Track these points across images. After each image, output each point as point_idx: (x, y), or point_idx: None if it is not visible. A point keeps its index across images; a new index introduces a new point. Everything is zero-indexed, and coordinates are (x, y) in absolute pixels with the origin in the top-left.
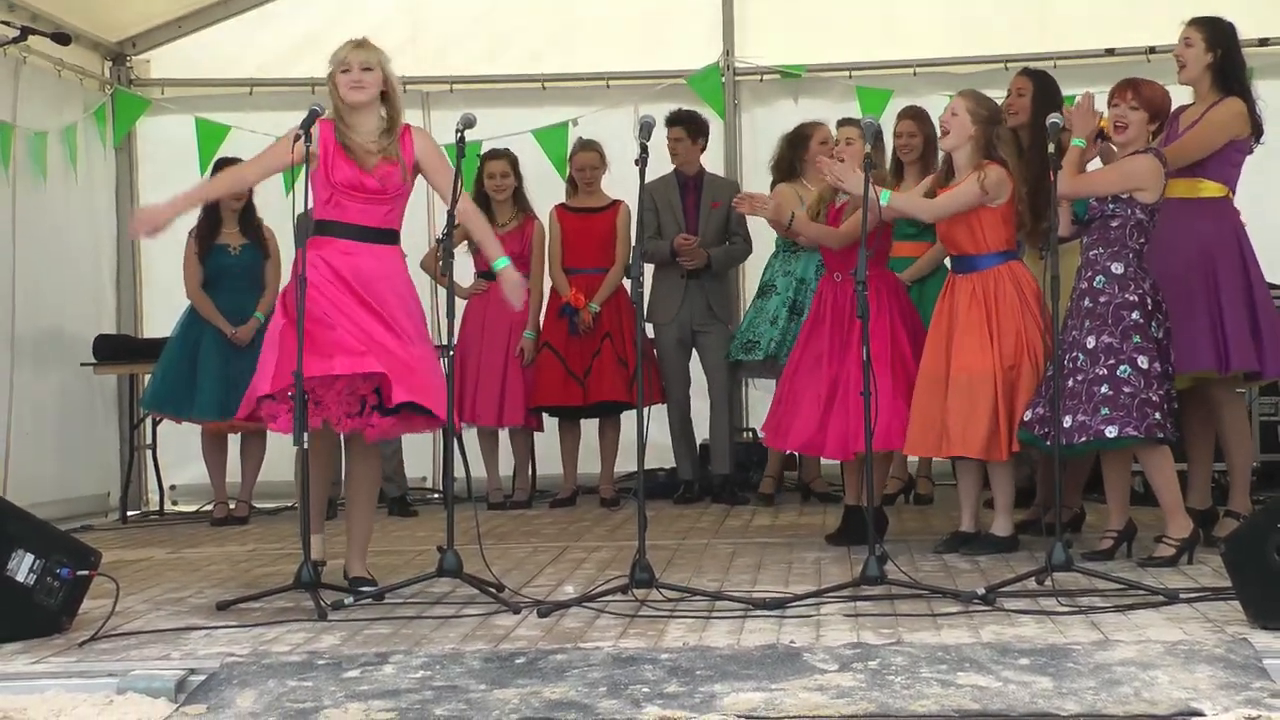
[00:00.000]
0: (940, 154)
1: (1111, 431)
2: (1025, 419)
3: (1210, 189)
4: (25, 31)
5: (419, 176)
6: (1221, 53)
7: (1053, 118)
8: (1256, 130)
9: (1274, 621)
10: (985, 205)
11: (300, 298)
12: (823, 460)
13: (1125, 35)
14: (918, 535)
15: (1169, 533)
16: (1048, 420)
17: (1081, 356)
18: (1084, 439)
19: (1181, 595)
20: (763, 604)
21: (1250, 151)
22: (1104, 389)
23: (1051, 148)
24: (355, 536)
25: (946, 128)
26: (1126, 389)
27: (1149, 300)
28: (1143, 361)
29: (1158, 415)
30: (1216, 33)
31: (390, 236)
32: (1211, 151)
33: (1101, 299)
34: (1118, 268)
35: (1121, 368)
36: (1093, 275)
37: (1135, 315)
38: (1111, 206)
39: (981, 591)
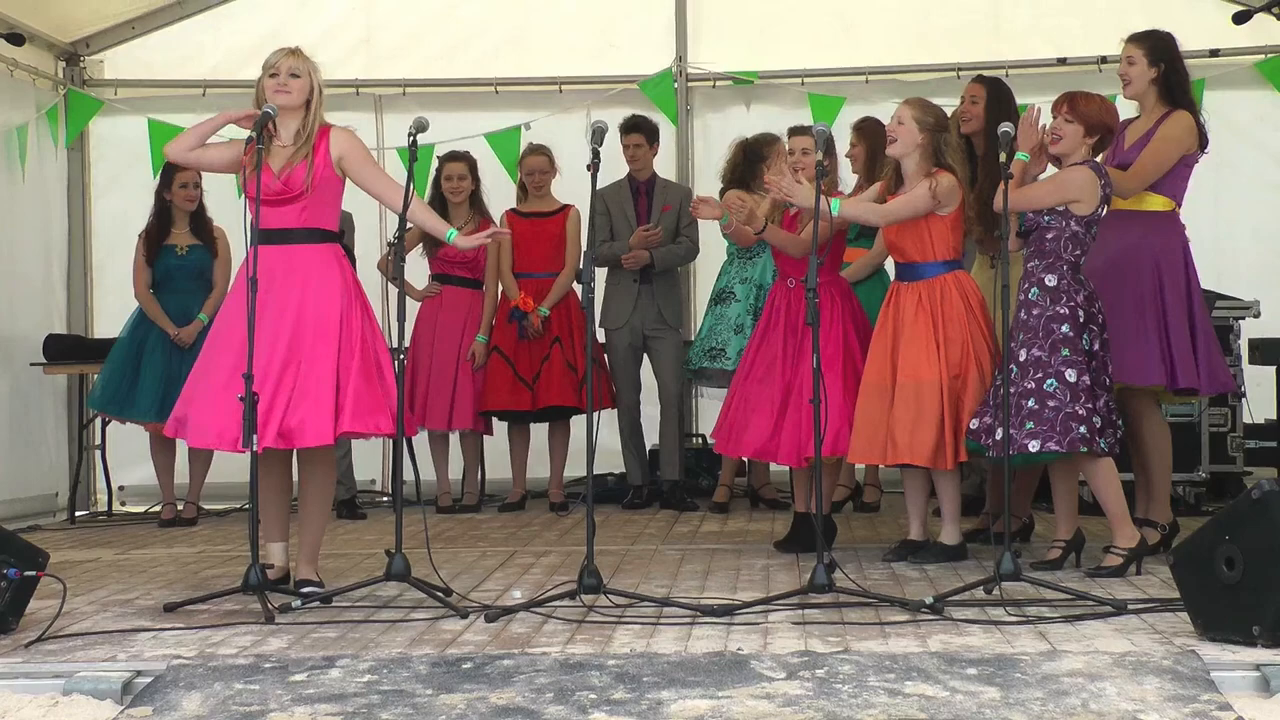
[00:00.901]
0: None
1: (1034, 446)
2: (971, 428)
3: (1157, 202)
4: None
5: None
6: (1165, 66)
7: (1004, 127)
8: (1203, 142)
9: (1222, 633)
10: (935, 213)
11: (251, 300)
12: (772, 466)
13: (1077, 45)
14: (866, 543)
15: (1116, 542)
16: (992, 430)
17: (1014, 369)
18: (1013, 452)
19: (1130, 606)
20: (710, 611)
21: (1196, 162)
22: (1030, 403)
23: (1003, 157)
24: (305, 540)
25: (893, 136)
26: (1051, 403)
27: (1080, 312)
28: (1070, 375)
29: (1083, 429)
30: (1158, 47)
31: (306, 235)
32: (1169, 168)
33: (1034, 311)
34: (1051, 280)
35: (1048, 381)
36: (1029, 288)
37: (1065, 328)
38: (1047, 219)
39: (930, 600)
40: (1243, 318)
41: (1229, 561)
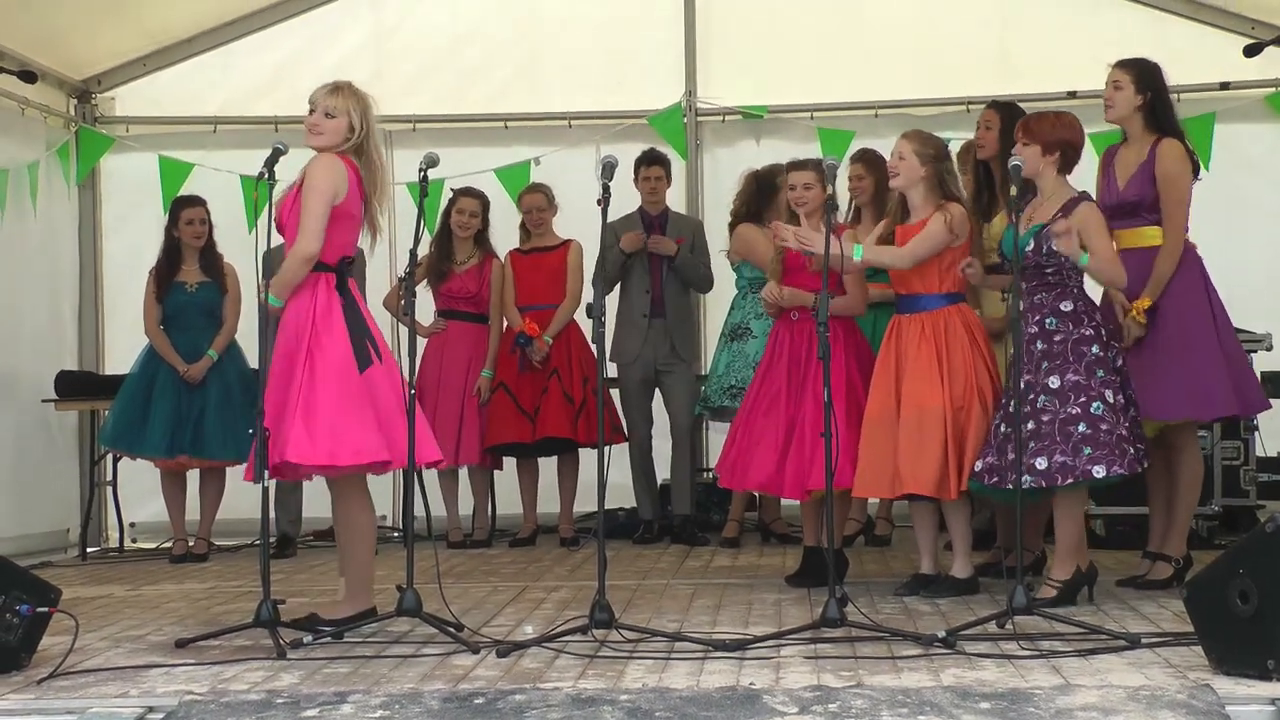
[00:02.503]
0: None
1: (1099, 471)
2: (975, 469)
3: (1159, 234)
4: None
5: (338, 199)
6: (1151, 95)
7: (1013, 161)
8: (1195, 168)
9: (1236, 667)
10: (950, 246)
11: (267, 338)
12: (783, 501)
13: (1086, 78)
14: (878, 577)
15: (1054, 574)
16: (998, 469)
17: (1044, 398)
18: (1069, 480)
19: (1144, 640)
20: (722, 645)
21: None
22: (1081, 428)
23: (1013, 191)
24: (344, 578)
25: (895, 170)
26: (1104, 426)
27: (1103, 331)
28: (1110, 395)
29: (1133, 449)
30: (1144, 75)
31: None
32: (1188, 201)
33: (1057, 338)
34: (1067, 305)
35: (1094, 405)
36: (1041, 318)
37: (1095, 349)
38: (1044, 256)
39: (942, 634)
40: (1255, 351)
41: (1243, 595)
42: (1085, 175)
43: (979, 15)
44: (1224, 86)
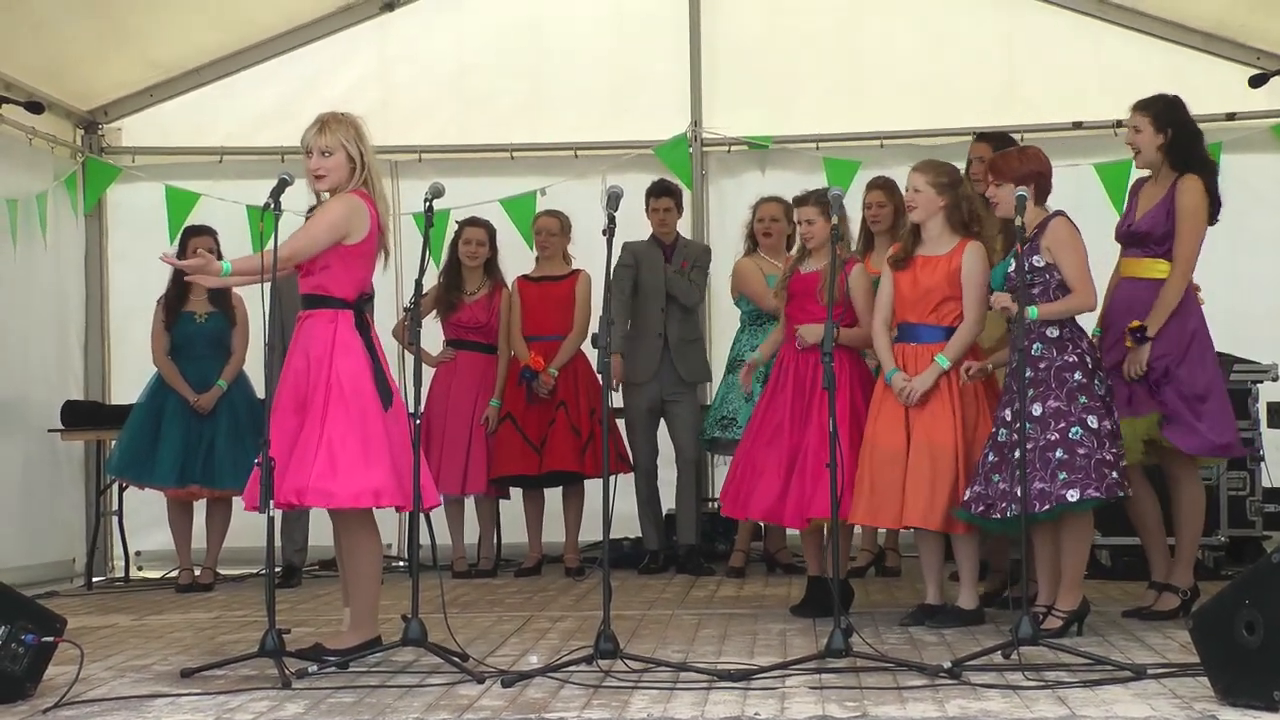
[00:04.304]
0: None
1: (1073, 495)
2: (964, 498)
3: (1167, 269)
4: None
5: (353, 239)
6: (1172, 131)
7: (1019, 190)
8: (1215, 206)
9: (1242, 698)
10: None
11: (274, 366)
12: (789, 531)
13: (1093, 109)
14: (883, 607)
15: (1060, 605)
16: (985, 498)
17: (1029, 425)
18: (1046, 506)
19: (1149, 671)
20: (727, 675)
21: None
22: (1059, 453)
23: (1018, 220)
24: (350, 608)
25: (912, 204)
26: (1081, 450)
27: (1088, 359)
28: (1092, 421)
29: (1114, 474)
30: (1163, 112)
31: (314, 302)
32: (1203, 236)
33: (1041, 365)
34: (1053, 331)
35: (1073, 430)
36: (1029, 344)
37: (1078, 375)
38: (1030, 276)
39: (947, 665)
40: (1260, 381)
41: (1249, 626)
42: (1092, 200)
43: (985, 46)
44: (1230, 117)
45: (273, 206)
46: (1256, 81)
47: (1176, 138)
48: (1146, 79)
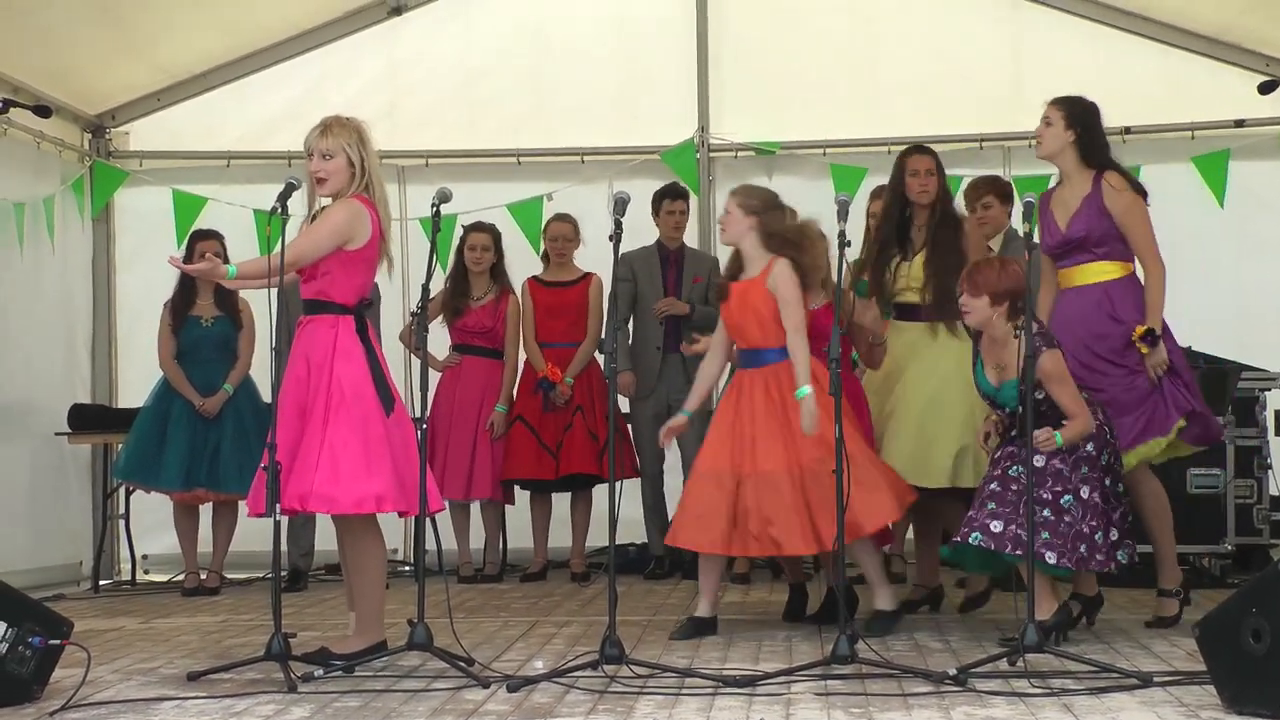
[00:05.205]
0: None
1: (1051, 558)
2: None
3: (1110, 269)
4: (7, 104)
5: (354, 244)
6: (1081, 131)
7: (1028, 196)
8: (1144, 193)
9: (1249, 706)
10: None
11: (275, 370)
12: None
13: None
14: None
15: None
16: (972, 521)
17: (1018, 468)
18: (1018, 552)
19: (1155, 679)
20: (733, 681)
21: None
22: (1046, 513)
23: (1024, 229)
24: (355, 613)
25: (722, 225)
26: (1067, 519)
27: (1106, 429)
28: (1084, 492)
29: (1084, 548)
30: (1076, 111)
31: (315, 307)
32: (1151, 224)
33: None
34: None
35: (1065, 497)
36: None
37: (1089, 446)
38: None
39: (953, 672)
40: (1268, 389)
41: (1256, 634)
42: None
43: (992, 52)
44: (1238, 124)
45: (280, 210)
46: (1265, 89)
47: (1084, 137)
48: (1152, 85)
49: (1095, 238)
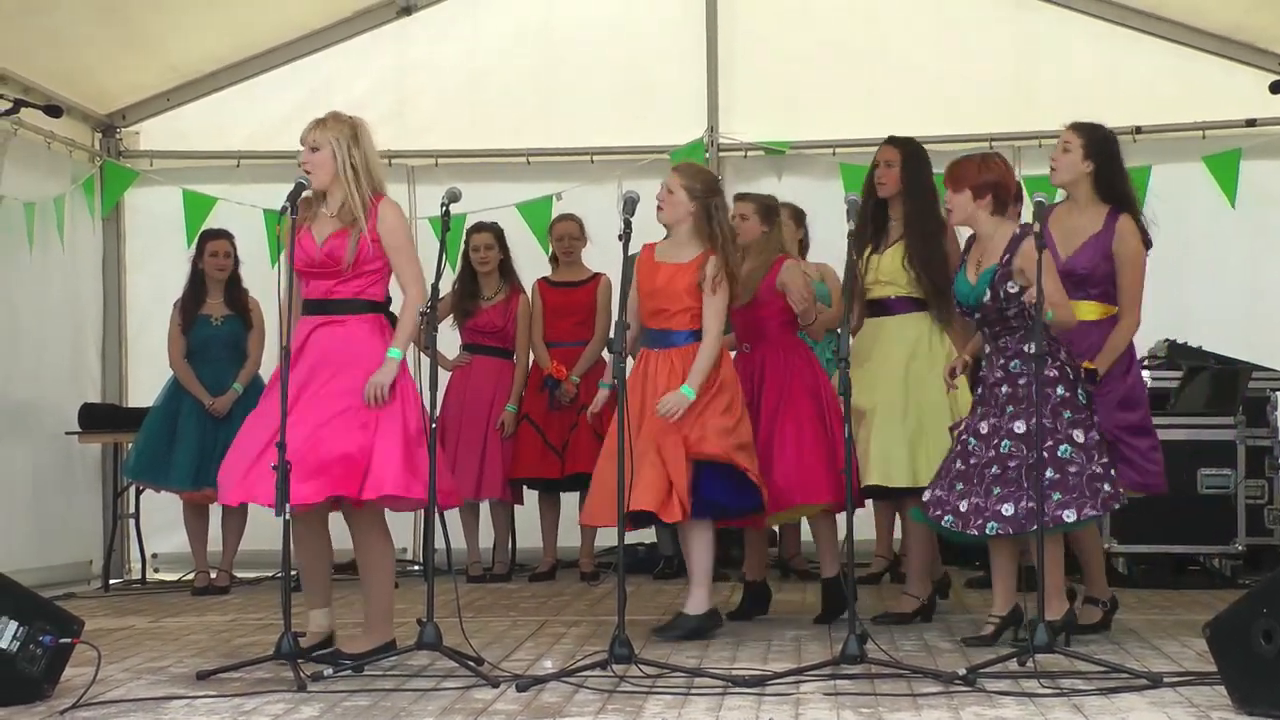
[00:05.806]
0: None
1: (1070, 516)
2: (924, 498)
3: (1091, 310)
4: (18, 104)
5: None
6: (1100, 162)
7: (1038, 196)
8: (1147, 243)
9: (1259, 707)
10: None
11: (284, 369)
12: (803, 537)
13: (1107, 114)
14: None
15: (1049, 613)
16: (944, 503)
17: (1009, 443)
18: (1046, 524)
19: (1165, 679)
20: (742, 681)
21: None
22: (1050, 473)
23: (1035, 224)
24: (367, 609)
25: (661, 204)
26: (1072, 469)
27: (1068, 369)
28: (1078, 435)
29: (1107, 486)
30: (1095, 140)
31: (344, 307)
32: (1143, 277)
33: (1021, 381)
34: (1030, 347)
35: (1061, 448)
36: (1006, 362)
37: (1060, 390)
38: (1004, 301)
39: (963, 672)
40: (1279, 389)
41: (1267, 635)
42: None
43: (1002, 52)
44: (1250, 123)
45: (290, 210)
46: (1276, 87)
47: (1100, 171)
48: (1162, 84)
49: (1095, 279)
